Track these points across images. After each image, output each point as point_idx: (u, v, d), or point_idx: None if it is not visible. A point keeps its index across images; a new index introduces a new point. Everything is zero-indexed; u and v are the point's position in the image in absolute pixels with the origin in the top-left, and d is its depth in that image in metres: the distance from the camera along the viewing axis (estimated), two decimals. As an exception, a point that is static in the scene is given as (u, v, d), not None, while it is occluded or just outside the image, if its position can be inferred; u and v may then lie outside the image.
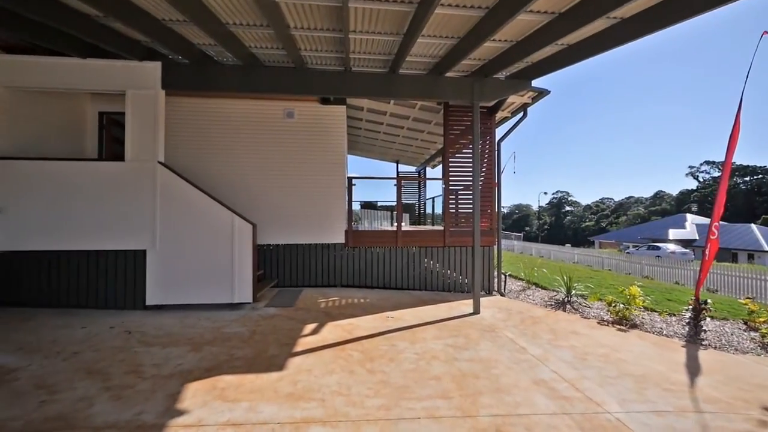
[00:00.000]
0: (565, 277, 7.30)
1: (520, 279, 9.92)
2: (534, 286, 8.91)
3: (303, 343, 4.25)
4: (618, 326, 5.51)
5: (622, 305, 5.97)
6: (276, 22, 4.49)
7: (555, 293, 7.77)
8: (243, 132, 7.36)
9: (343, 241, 7.54)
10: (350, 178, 7.70)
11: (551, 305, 6.76)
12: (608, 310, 6.13)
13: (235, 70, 5.85)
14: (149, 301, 5.52)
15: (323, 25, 4.78)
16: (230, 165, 7.31)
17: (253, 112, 7.37)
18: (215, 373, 3.43)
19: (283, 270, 7.41)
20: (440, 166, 14.36)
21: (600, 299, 6.87)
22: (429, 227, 10.77)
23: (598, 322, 5.68)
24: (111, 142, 7.33)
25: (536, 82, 6.23)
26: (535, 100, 7.44)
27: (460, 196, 7.75)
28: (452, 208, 7.72)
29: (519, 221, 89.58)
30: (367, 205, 11.91)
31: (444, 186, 7.72)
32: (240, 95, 7.18)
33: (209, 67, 5.80)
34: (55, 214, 5.48)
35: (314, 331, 4.69)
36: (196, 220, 5.61)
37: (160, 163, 5.60)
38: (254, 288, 5.68)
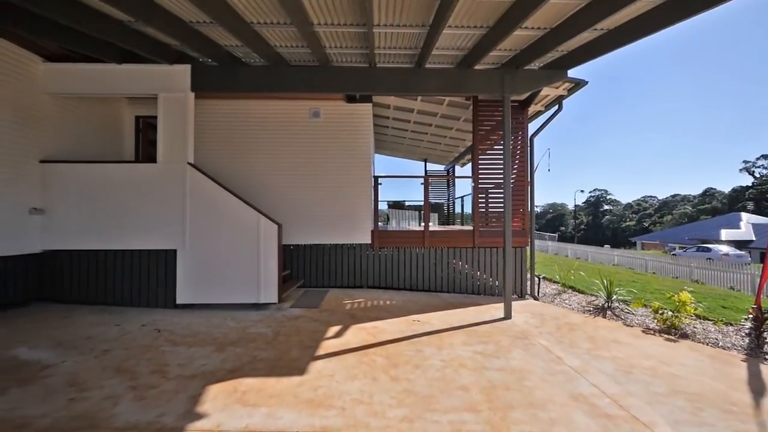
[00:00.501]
0: (605, 281, 6.83)
1: (555, 282, 9.43)
2: (570, 290, 8.43)
3: (326, 346, 4.15)
4: (666, 336, 5.05)
5: (670, 312, 5.48)
6: (299, 19, 4.43)
7: (594, 298, 7.30)
8: (269, 132, 7.42)
9: (369, 242, 7.43)
10: (376, 178, 7.58)
11: (590, 311, 6.33)
12: (654, 318, 5.64)
13: (261, 71, 5.86)
14: (179, 300, 5.63)
15: (347, 20, 4.67)
16: (256, 165, 7.39)
17: (279, 112, 7.42)
18: (237, 375, 3.39)
19: (309, 270, 7.40)
20: (470, 164, 14.00)
21: (645, 305, 6.36)
22: (458, 227, 10.47)
23: (643, 331, 5.23)
24: (147, 144, 7.61)
25: (572, 72, 5.83)
26: (571, 91, 7.00)
27: (490, 195, 7.44)
28: (482, 208, 7.42)
29: (553, 221, 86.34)
30: (395, 205, 11.76)
31: (473, 184, 7.43)
32: (266, 96, 7.25)
33: (236, 68, 5.84)
34: (92, 214, 5.71)
35: (338, 334, 4.59)
36: (222, 220, 5.68)
37: (189, 164, 5.70)
38: (279, 289, 5.67)
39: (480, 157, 7.42)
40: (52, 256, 5.76)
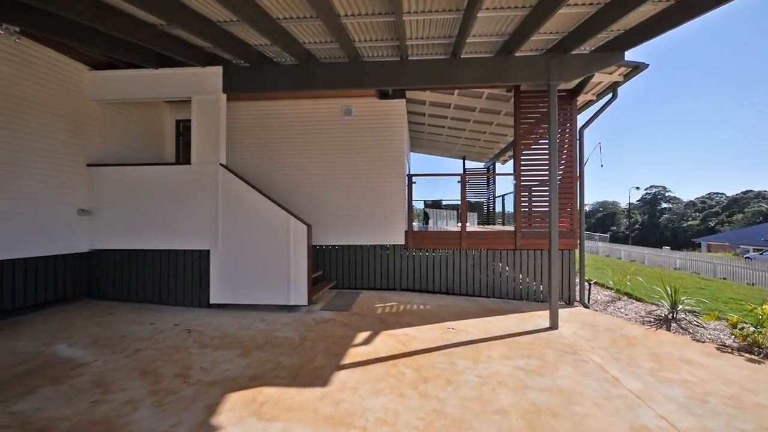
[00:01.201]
0: (668, 288, 6.04)
1: (608, 287, 8.60)
2: (626, 297, 7.62)
3: (352, 354, 3.92)
4: (747, 355, 4.30)
5: (752, 328, 4.69)
6: (324, 10, 4.24)
7: (654, 307, 6.51)
8: (301, 132, 7.36)
9: (403, 243, 7.14)
10: (410, 176, 7.27)
11: (650, 322, 5.61)
12: (732, 333, 4.87)
13: (290, 70, 5.76)
14: (213, 300, 5.67)
15: (374, 9, 4.41)
16: (287, 166, 7.36)
17: (310, 111, 7.33)
18: (258, 383, 3.24)
19: (341, 271, 7.25)
20: (511, 161, 13.27)
21: (719, 318, 5.54)
22: (498, 227, 9.88)
23: (718, 348, 4.51)
24: (186, 147, 7.84)
25: (629, 54, 5.17)
26: (627, 77, 6.27)
27: (534, 193, 6.87)
28: (525, 207, 6.87)
29: (603, 220, 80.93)
30: (431, 205, 11.37)
31: (515, 182, 6.90)
32: (297, 95, 7.19)
33: (266, 68, 5.79)
34: (132, 215, 5.91)
35: (366, 341, 4.34)
36: (253, 220, 5.64)
37: (221, 165, 5.73)
38: (309, 290, 5.54)
39: (523, 152, 6.88)
40: (99, 255, 6.03)
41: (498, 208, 13.55)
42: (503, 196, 12.25)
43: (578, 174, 6.90)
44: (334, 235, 7.23)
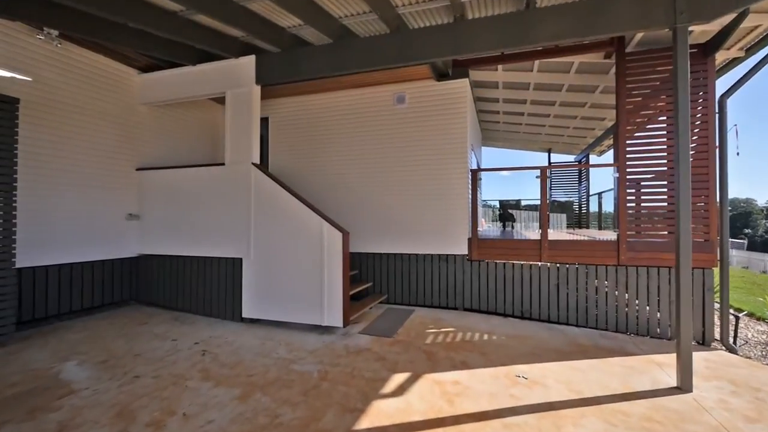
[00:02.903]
0: None
1: (764, 320, 6.20)
2: (797, 337, 5.30)
3: (375, 412, 2.89)
4: None
5: None
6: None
7: None
8: (346, 126, 6.58)
9: (466, 252, 5.89)
10: (474, 171, 5.98)
11: None
12: None
13: (324, 51, 4.96)
14: (245, 314, 5.13)
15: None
16: (332, 164, 6.64)
17: (356, 102, 6.51)
18: (238, 449, 2.41)
19: (393, 284, 6.27)
20: (611, 150, 10.94)
21: None
22: (592, 233, 7.93)
23: None
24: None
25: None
26: (805, 13, 4.17)
27: (645, 189, 5.07)
28: (632, 209, 5.12)
29: (733, 221, 66.71)
30: (503, 206, 9.76)
31: (617, 175, 5.18)
32: (341, 85, 6.39)
33: (299, 52, 5.08)
34: (173, 219, 5.69)
35: (400, 389, 3.27)
36: (284, 226, 4.96)
37: (253, 164, 5.16)
38: (345, 310, 4.65)
39: (629, 137, 5.13)
40: (146, 260, 5.94)
41: (593, 208, 11.31)
42: (599, 193, 10.05)
43: (718, 161, 4.91)
44: (386, 242, 6.28)
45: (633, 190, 5.14)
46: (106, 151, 5.54)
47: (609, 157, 12.07)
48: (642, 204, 5.09)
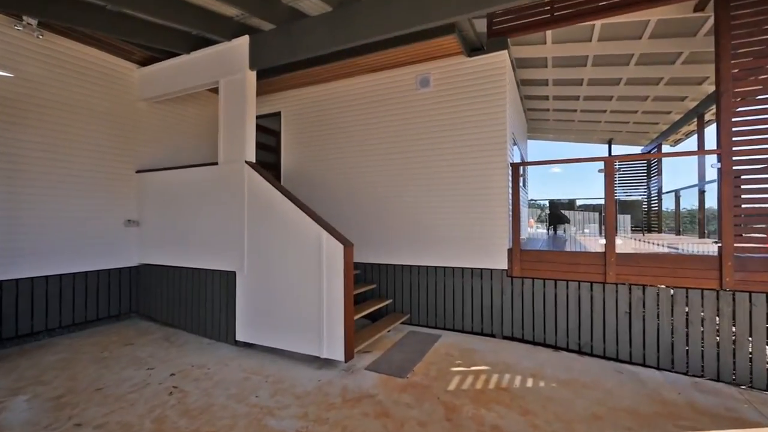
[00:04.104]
0: None
1: None
2: None
3: None
4: None
5: None
6: None
7: None
8: (360, 116, 5.71)
9: (506, 267, 4.76)
10: (516, 165, 4.82)
11: None
12: None
13: (324, 22, 4.10)
14: (239, 337, 4.41)
15: None
16: (348, 161, 5.78)
17: (373, 88, 5.60)
18: None
19: (417, 301, 5.29)
20: (688, 140, 9.10)
21: None
22: (670, 239, 6.35)
23: None
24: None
25: None
26: None
27: (763, 185, 3.66)
28: (740, 212, 3.72)
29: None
30: (553, 206, 8.33)
31: (720, 166, 3.80)
32: (358, 71, 5.49)
33: (296, 27, 4.27)
34: (169, 226, 5.16)
35: (400, 473, 2.31)
36: (278, 234, 4.16)
37: (247, 163, 4.43)
38: (349, 340, 3.74)
39: (736, 110, 3.73)
40: (145, 270, 5.47)
41: (665, 206, 9.52)
42: (676, 191, 8.31)
43: None
44: (407, 253, 5.31)
45: (739, 186, 3.74)
46: (102, 153, 5.11)
47: (689, 144, 10.14)
48: (755, 205, 3.68)
